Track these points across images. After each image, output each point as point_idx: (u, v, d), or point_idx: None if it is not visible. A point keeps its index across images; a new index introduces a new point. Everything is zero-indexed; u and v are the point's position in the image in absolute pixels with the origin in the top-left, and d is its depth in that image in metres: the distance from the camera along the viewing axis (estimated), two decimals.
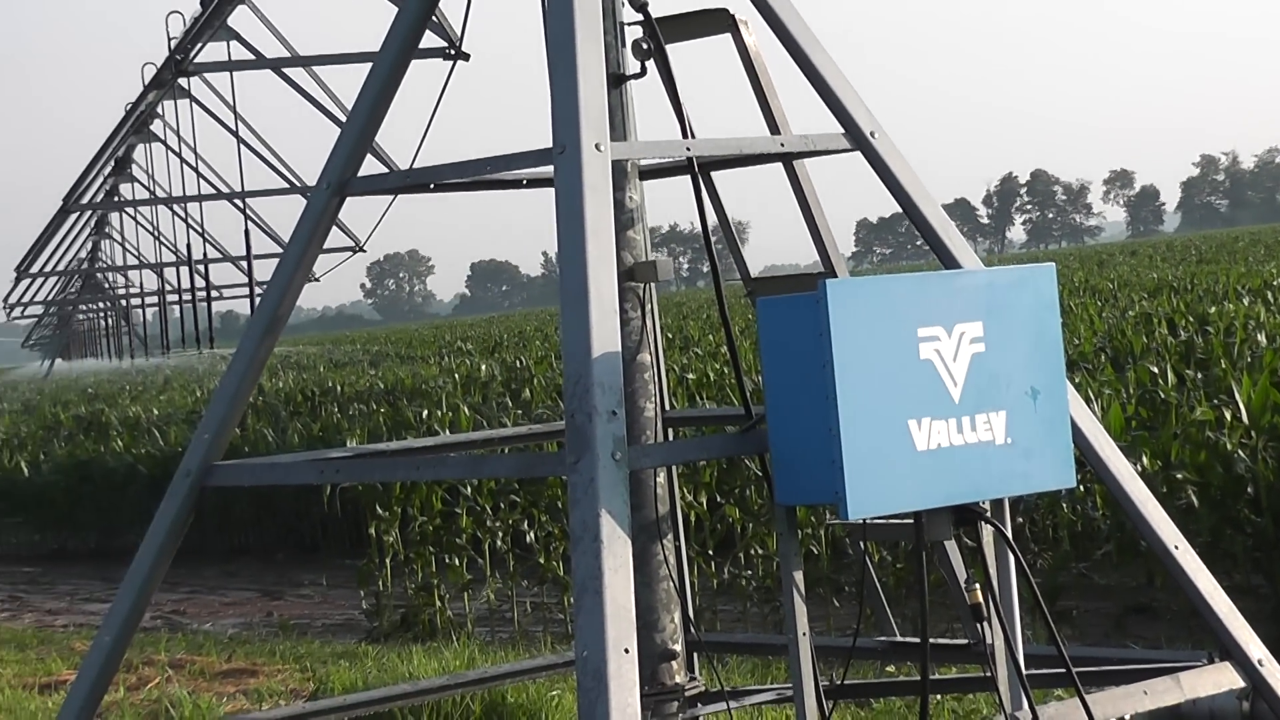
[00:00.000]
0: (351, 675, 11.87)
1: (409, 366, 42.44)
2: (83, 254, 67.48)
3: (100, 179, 46.98)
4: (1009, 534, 6.24)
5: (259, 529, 24.58)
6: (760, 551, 15.30)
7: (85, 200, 46.07)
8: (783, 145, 6.86)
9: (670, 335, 39.14)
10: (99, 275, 71.94)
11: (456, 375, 33.35)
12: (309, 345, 78.23)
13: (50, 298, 69.69)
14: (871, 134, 6.66)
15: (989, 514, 6.10)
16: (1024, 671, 6.20)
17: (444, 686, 8.15)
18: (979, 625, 6.26)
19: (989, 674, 6.24)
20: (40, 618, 20.52)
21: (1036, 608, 6.64)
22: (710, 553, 15.78)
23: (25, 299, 61.32)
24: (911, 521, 6.06)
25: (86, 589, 22.83)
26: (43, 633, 18.22)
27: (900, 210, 6.82)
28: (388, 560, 17.47)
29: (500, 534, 17.33)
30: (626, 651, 5.40)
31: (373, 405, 28.46)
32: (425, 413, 23.83)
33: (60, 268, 59.60)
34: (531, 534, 16.95)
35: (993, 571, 6.22)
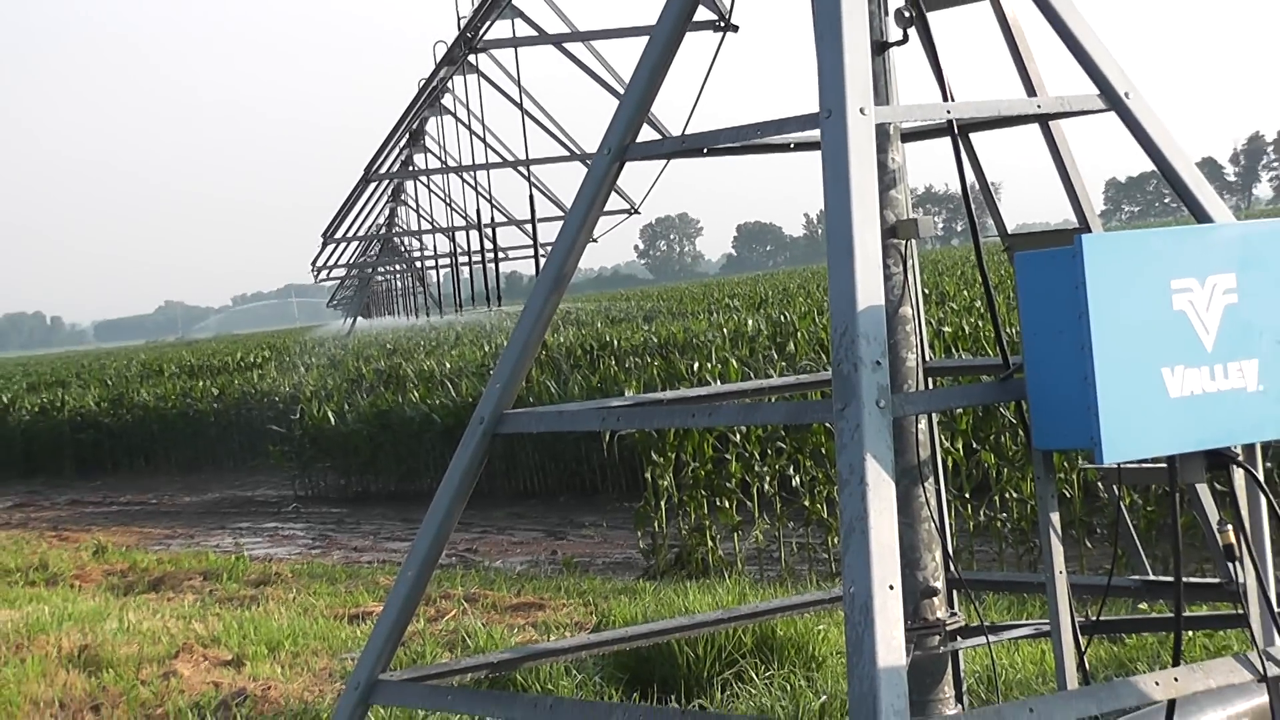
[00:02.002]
0: (631, 609, 11.96)
1: (680, 322, 42.59)
2: (381, 220, 68.86)
3: (397, 150, 47.81)
4: (1261, 477, 6.11)
5: (543, 474, 24.94)
6: (1015, 495, 15.13)
7: (383, 170, 46.93)
8: (1039, 107, 6.75)
9: (927, 291, 38.75)
10: (395, 239, 73.29)
11: (725, 330, 33.42)
12: (587, 303, 78.90)
13: (352, 261, 71.22)
14: (1126, 94, 6.53)
15: (1241, 458, 5.98)
16: (1275, 609, 6.08)
17: (718, 620, 8.17)
18: (1231, 565, 6.14)
19: (1241, 611, 6.11)
20: (347, 554, 21.06)
21: None
22: (966, 496, 15.65)
23: (330, 262, 62.75)
24: (1164, 466, 5.97)
25: (388, 529, 23.36)
26: (350, 568, 18.68)
27: (1148, 170, 6.69)
28: (663, 503, 17.60)
29: (768, 478, 17.38)
30: (891, 588, 5.39)
31: (647, 358, 28.65)
32: (696, 365, 23.93)
33: (361, 233, 60.82)
34: (797, 478, 16.96)
35: (1244, 513, 6.11)
